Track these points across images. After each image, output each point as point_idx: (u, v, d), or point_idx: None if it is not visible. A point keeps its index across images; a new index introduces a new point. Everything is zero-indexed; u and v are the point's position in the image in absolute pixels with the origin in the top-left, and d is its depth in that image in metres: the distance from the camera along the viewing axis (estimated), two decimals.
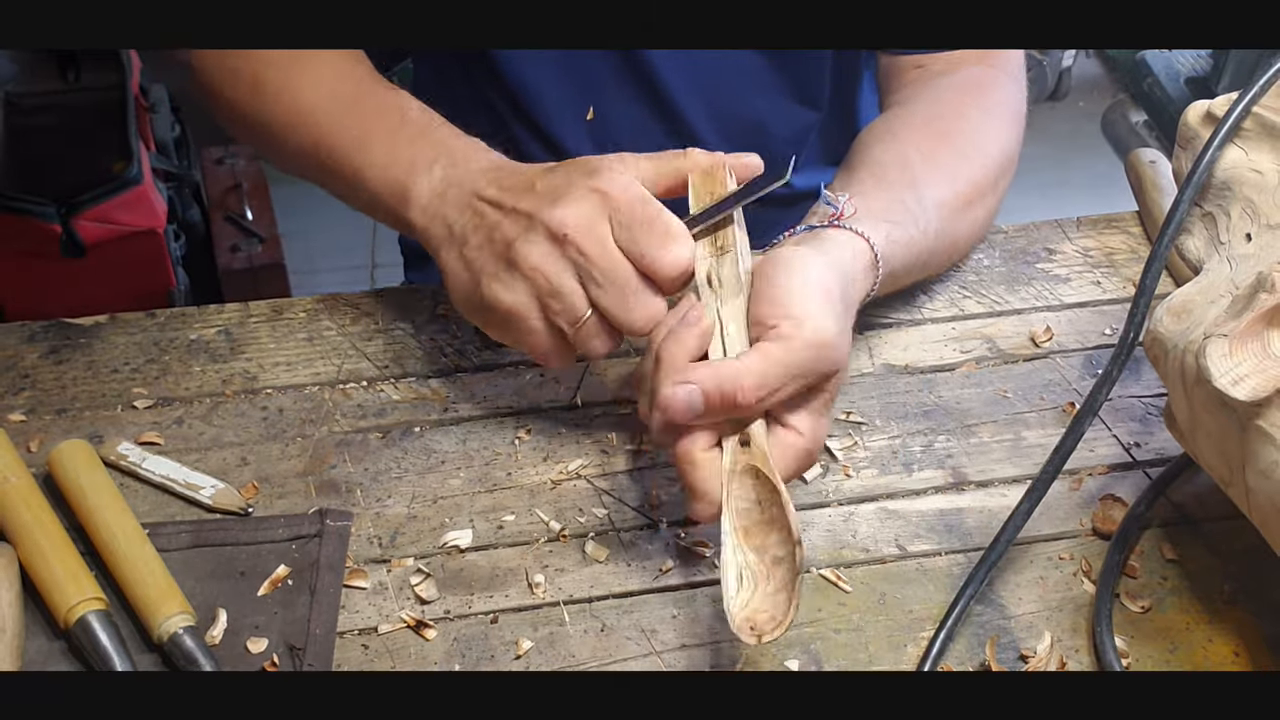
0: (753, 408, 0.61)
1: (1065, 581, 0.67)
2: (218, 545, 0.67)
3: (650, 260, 0.65)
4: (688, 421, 0.62)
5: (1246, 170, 0.66)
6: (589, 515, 0.70)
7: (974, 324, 0.82)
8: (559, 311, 0.66)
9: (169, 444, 0.73)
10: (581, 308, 0.66)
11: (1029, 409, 0.76)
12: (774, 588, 0.59)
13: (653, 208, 0.65)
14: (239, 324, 0.81)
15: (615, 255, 0.65)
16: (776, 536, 0.60)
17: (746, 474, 0.62)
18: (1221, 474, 0.62)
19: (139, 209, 1.67)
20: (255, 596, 0.65)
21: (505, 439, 0.74)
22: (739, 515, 0.61)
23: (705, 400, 0.61)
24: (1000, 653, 0.63)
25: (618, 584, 0.66)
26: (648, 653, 0.63)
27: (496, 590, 0.66)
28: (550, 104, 0.96)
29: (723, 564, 0.60)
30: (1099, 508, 0.70)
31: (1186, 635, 0.65)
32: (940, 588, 0.66)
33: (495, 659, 0.63)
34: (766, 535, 0.61)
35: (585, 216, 0.65)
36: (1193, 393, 0.61)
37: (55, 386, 0.76)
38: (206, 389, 0.76)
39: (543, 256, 0.66)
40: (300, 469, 0.72)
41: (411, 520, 0.69)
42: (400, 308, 0.82)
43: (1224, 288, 0.63)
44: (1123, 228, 0.90)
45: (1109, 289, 0.85)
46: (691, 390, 0.61)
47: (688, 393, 0.61)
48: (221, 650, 0.63)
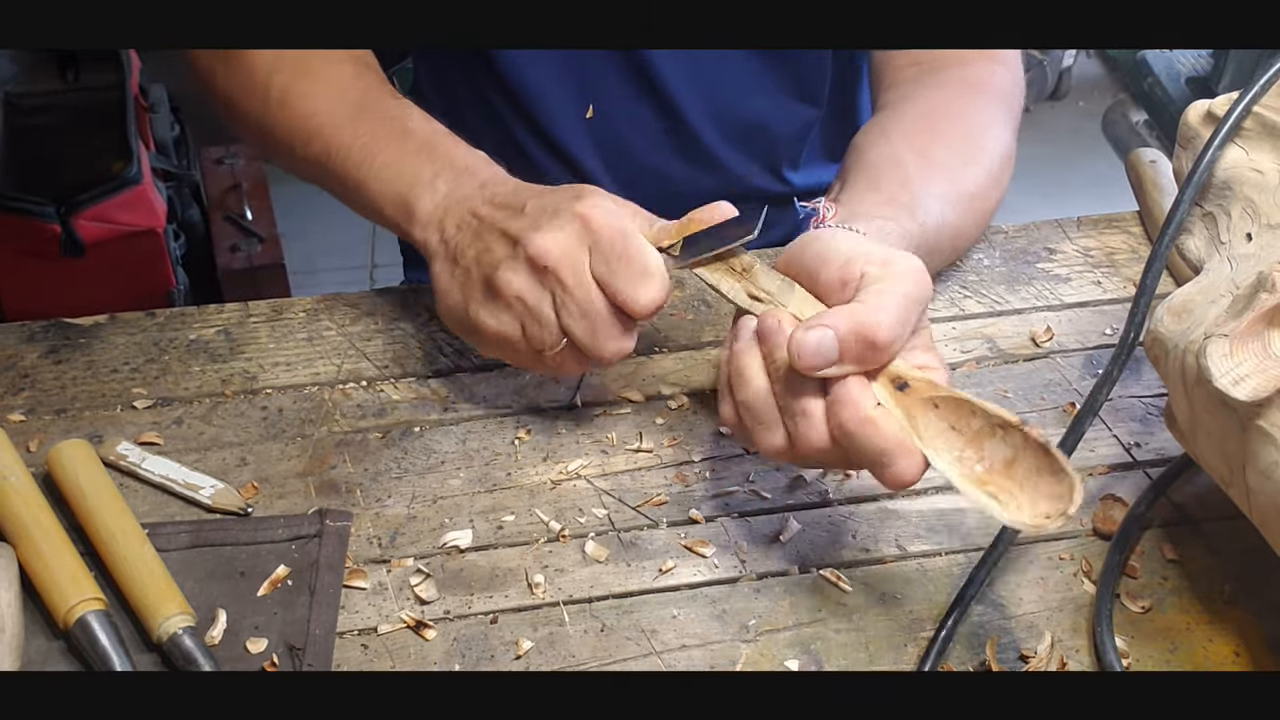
0: (891, 347, 0.59)
1: (1065, 582, 0.67)
2: (217, 545, 0.67)
3: (624, 296, 0.65)
4: (818, 371, 0.59)
5: (1247, 170, 0.66)
6: (589, 515, 0.70)
7: (974, 324, 0.82)
8: (535, 337, 0.67)
9: (168, 444, 0.73)
10: (555, 336, 0.67)
11: (1029, 409, 0.76)
12: (1031, 479, 0.57)
13: (633, 242, 0.65)
14: (238, 324, 0.81)
15: (590, 289, 0.65)
16: (991, 443, 0.58)
17: (924, 410, 0.60)
18: (1222, 474, 0.62)
19: (138, 209, 1.67)
20: (255, 597, 0.65)
21: (505, 439, 0.74)
22: (944, 450, 0.59)
23: (841, 346, 0.58)
24: (1000, 653, 0.63)
25: (618, 584, 0.66)
26: (647, 653, 0.63)
27: (496, 590, 0.66)
28: (550, 103, 0.96)
29: (968, 497, 0.58)
30: (1099, 508, 0.70)
31: (1187, 635, 0.64)
32: (940, 588, 0.66)
33: (495, 659, 0.63)
34: (980, 450, 0.59)
35: (565, 247, 0.65)
36: (1193, 393, 0.61)
37: (55, 386, 0.76)
38: (206, 389, 0.76)
39: (523, 285, 0.67)
40: (300, 469, 0.72)
41: (411, 520, 0.69)
42: (400, 308, 0.82)
43: (1224, 287, 0.63)
44: (1123, 227, 0.90)
45: (1109, 289, 0.85)
46: (825, 333, 0.58)
47: (820, 335, 0.58)
48: (221, 650, 0.63)
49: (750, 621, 0.65)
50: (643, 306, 0.65)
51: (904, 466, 0.59)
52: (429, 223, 0.72)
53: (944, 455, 0.59)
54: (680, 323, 0.81)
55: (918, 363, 0.61)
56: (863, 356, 0.59)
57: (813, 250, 0.63)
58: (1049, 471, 0.57)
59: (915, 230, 0.72)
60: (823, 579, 0.67)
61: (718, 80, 0.96)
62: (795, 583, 0.67)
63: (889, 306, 0.59)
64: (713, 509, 0.70)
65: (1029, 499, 0.57)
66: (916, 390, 0.60)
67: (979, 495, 0.58)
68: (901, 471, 0.59)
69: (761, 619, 0.65)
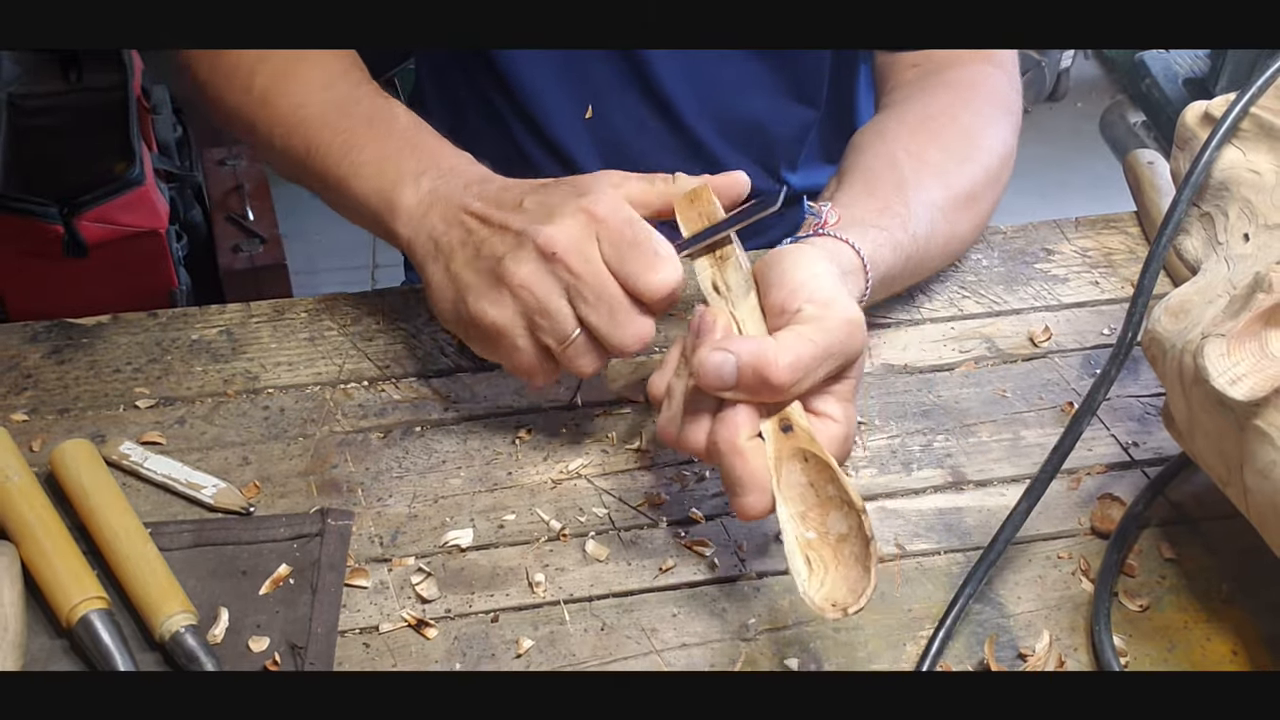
0: (787, 390, 0.60)
1: (1064, 580, 0.67)
2: (219, 544, 0.67)
3: (638, 282, 0.65)
4: (715, 391, 0.60)
5: (1244, 171, 0.67)
6: (589, 515, 0.70)
7: (973, 324, 0.82)
8: (547, 329, 0.66)
9: (171, 443, 0.73)
10: (570, 326, 0.66)
11: (1028, 408, 0.77)
12: (847, 563, 0.59)
13: (641, 229, 0.65)
14: (240, 324, 0.81)
15: (604, 274, 0.65)
16: (836, 514, 0.59)
17: (794, 458, 0.61)
18: (1219, 473, 0.62)
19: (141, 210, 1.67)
20: (257, 595, 0.65)
21: (506, 439, 0.74)
22: (793, 501, 0.60)
23: (739, 374, 0.60)
24: (999, 651, 0.63)
25: (618, 583, 0.66)
26: (648, 652, 0.63)
27: (497, 589, 0.66)
28: (550, 102, 0.97)
29: (787, 552, 0.59)
30: (1097, 507, 0.70)
31: (1184, 634, 0.65)
32: (939, 587, 0.67)
33: (496, 658, 0.63)
34: (824, 516, 0.60)
35: (574, 236, 0.65)
36: (1191, 392, 0.61)
37: (58, 386, 0.76)
38: (208, 389, 0.77)
39: (531, 274, 0.65)
40: (302, 468, 0.72)
41: (412, 519, 0.69)
42: (401, 308, 0.82)
43: (1222, 288, 0.63)
44: (1121, 228, 0.90)
45: (1107, 289, 0.85)
46: (726, 358, 0.60)
47: (722, 359, 0.60)
48: (223, 649, 0.63)
49: (750, 621, 0.65)
50: (658, 287, 0.65)
51: (752, 501, 0.61)
52: (413, 219, 0.71)
53: (790, 507, 0.61)
54: (680, 323, 0.82)
55: (825, 409, 0.62)
56: (755, 390, 0.60)
57: (776, 267, 0.64)
58: (862, 564, 0.58)
59: (906, 241, 0.73)
60: None
61: (716, 81, 0.97)
62: (795, 582, 0.67)
63: (797, 351, 0.60)
64: (713, 508, 0.70)
65: (834, 580, 0.59)
66: (796, 438, 0.61)
67: (797, 558, 0.59)
68: (748, 505, 0.61)
69: (761, 618, 0.65)
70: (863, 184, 0.75)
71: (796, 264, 0.64)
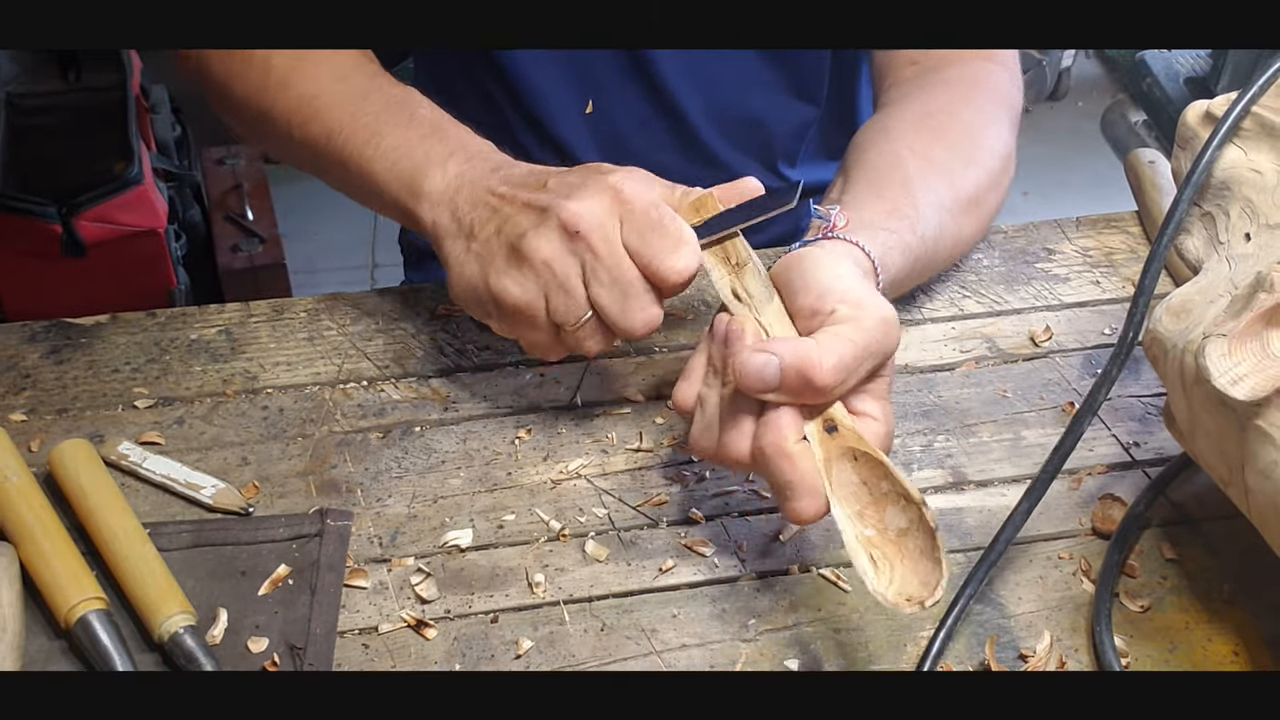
0: (831, 391, 0.60)
1: (1065, 581, 0.67)
2: (218, 545, 0.67)
3: (657, 265, 0.65)
4: (757, 393, 0.60)
5: (1245, 170, 0.66)
6: (589, 515, 0.70)
7: (973, 324, 0.82)
8: (559, 309, 0.66)
9: (170, 444, 0.73)
10: (582, 309, 0.66)
11: (1028, 409, 0.76)
12: (912, 557, 0.58)
13: (665, 212, 0.66)
14: (239, 324, 0.81)
15: (622, 256, 0.65)
16: (893, 510, 0.59)
17: (843, 458, 0.61)
18: (1221, 474, 0.62)
19: (140, 209, 1.67)
20: (256, 596, 0.65)
21: (505, 439, 0.74)
22: (848, 501, 0.60)
23: (782, 376, 0.59)
24: (1000, 652, 0.63)
25: (618, 584, 0.66)
26: (647, 653, 0.63)
27: (497, 590, 0.66)
28: (551, 99, 0.97)
29: (850, 552, 0.59)
30: (1098, 507, 0.70)
31: (1186, 635, 0.65)
32: None
33: (495, 659, 0.63)
34: (881, 512, 0.60)
35: (598, 214, 0.65)
36: (1192, 392, 0.61)
37: (56, 386, 0.76)
38: (207, 389, 0.76)
39: (554, 250, 0.66)
40: (301, 469, 0.72)
41: (412, 520, 0.69)
42: (401, 308, 0.82)
43: (1223, 287, 0.63)
44: (1122, 228, 0.90)
45: (1108, 289, 0.85)
46: (769, 359, 0.59)
47: (765, 360, 0.59)
48: (222, 650, 0.63)
49: (750, 621, 0.65)
50: (676, 274, 0.65)
51: (805, 505, 0.60)
52: (439, 201, 0.71)
53: (846, 506, 0.60)
54: (680, 322, 0.82)
55: (864, 409, 0.62)
56: (799, 392, 0.60)
57: (798, 270, 0.64)
58: (930, 557, 0.58)
59: (915, 243, 0.73)
60: (822, 578, 0.67)
61: (717, 77, 0.97)
62: (795, 582, 0.67)
63: (839, 351, 0.60)
64: (713, 509, 0.70)
65: (903, 575, 0.58)
66: (843, 437, 0.61)
67: (861, 557, 0.59)
68: (801, 509, 0.60)
69: (761, 619, 0.65)
70: (869, 185, 0.75)
71: (818, 266, 0.64)
